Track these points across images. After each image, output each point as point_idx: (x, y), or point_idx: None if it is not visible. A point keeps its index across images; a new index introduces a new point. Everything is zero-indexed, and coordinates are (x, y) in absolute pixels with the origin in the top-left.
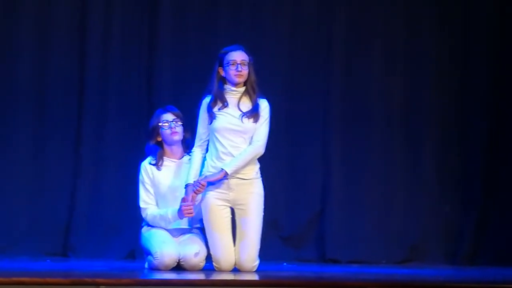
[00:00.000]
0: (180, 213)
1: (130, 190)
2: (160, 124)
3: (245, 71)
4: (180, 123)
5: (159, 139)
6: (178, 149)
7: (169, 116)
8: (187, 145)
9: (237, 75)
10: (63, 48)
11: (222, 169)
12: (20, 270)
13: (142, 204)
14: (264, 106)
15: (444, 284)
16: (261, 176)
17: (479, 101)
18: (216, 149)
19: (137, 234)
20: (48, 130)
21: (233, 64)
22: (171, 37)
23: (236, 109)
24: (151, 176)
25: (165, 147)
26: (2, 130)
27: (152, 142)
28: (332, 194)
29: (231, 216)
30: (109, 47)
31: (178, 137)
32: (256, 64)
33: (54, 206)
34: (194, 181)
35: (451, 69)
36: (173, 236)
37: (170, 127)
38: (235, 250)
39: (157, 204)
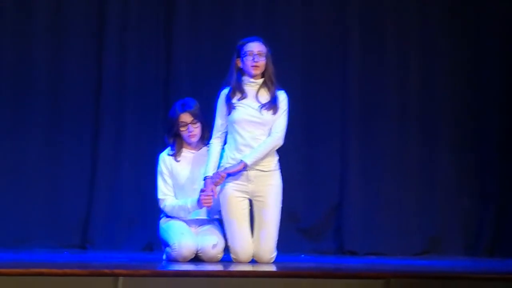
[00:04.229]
0: (199, 203)
1: (148, 182)
2: (178, 124)
3: (262, 62)
4: (197, 124)
5: (178, 132)
6: (196, 141)
7: (187, 118)
8: (206, 137)
9: (253, 66)
10: (80, 44)
11: (242, 160)
12: (38, 262)
13: (160, 195)
14: (282, 97)
15: (463, 275)
16: (280, 168)
17: (494, 94)
18: (236, 141)
19: (155, 226)
20: (66, 123)
21: (250, 54)
22: (187, 30)
23: (255, 100)
24: (169, 167)
25: (183, 139)
26: (20, 123)
27: (170, 138)
28: (350, 186)
29: (249, 208)
30: (126, 42)
31: (195, 138)
32: (272, 57)
33: (72, 198)
34: (214, 173)
35: (466, 62)
36: (191, 227)
37: (188, 130)
38: (253, 241)
39: (175, 196)
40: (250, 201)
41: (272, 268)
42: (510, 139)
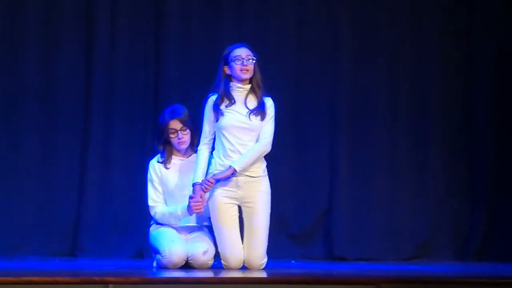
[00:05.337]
0: (189, 209)
1: (137, 189)
2: (167, 131)
3: (251, 66)
4: (187, 131)
5: (167, 140)
6: (186, 148)
7: (176, 124)
8: (195, 143)
9: (243, 70)
10: (70, 49)
11: (231, 166)
12: (29, 270)
13: (150, 203)
14: (270, 104)
15: (453, 279)
16: (268, 174)
17: (485, 96)
18: (224, 147)
19: (145, 233)
20: (56, 130)
21: (239, 59)
22: (177, 36)
23: (243, 106)
24: (159, 174)
25: (173, 146)
26: (10, 131)
27: (160, 145)
28: (340, 192)
29: (238, 214)
30: (115, 47)
31: (185, 145)
32: (262, 62)
33: (62, 206)
34: (202, 180)
35: (457, 64)
36: (182, 234)
37: (178, 137)
38: (243, 248)
39: (165, 202)
40: (240, 207)
41: (263, 274)
42: (500, 141)
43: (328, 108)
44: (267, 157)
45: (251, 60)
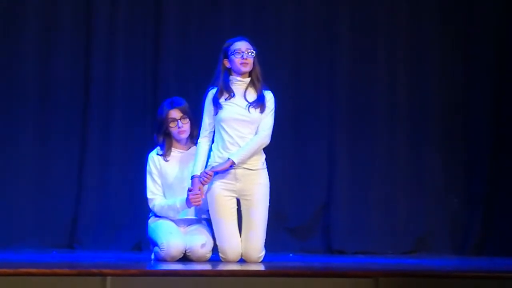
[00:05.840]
0: (188, 202)
1: (136, 181)
2: (167, 121)
3: (250, 59)
4: (187, 120)
5: (167, 131)
6: (185, 140)
7: (176, 114)
8: (195, 136)
9: (243, 63)
10: (68, 46)
11: (229, 158)
12: (27, 262)
13: (149, 195)
14: (269, 97)
15: (451, 273)
16: (268, 168)
17: (484, 96)
18: (223, 139)
19: (143, 226)
20: (54, 124)
21: (238, 52)
22: (176, 32)
23: (243, 99)
24: (158, 166)
25: (173, 138)
26: (9, 124)
27: (159, 137)
28: (338, 186)
29: (237, 207)
30: (114, 42)
31: (185, 135)
32: (261, 59)
33: (61, 198)
34: (201, 172)
35: (457, 64)
36: (180, 226)
37: (178, 126)
38: (241, 240)
39: (164, 195)
40: (238, 200)
41: (261, 267)
42: (497, 139)
43: (327, 103)
44: (267, 151)
45: (251, 54)
